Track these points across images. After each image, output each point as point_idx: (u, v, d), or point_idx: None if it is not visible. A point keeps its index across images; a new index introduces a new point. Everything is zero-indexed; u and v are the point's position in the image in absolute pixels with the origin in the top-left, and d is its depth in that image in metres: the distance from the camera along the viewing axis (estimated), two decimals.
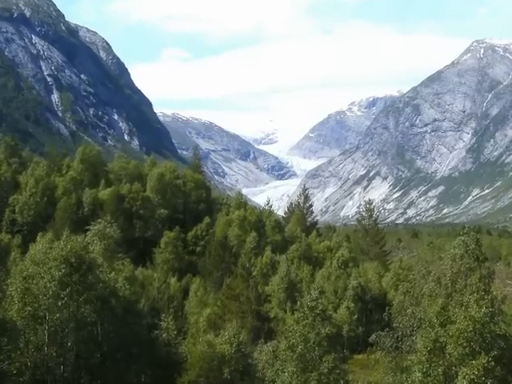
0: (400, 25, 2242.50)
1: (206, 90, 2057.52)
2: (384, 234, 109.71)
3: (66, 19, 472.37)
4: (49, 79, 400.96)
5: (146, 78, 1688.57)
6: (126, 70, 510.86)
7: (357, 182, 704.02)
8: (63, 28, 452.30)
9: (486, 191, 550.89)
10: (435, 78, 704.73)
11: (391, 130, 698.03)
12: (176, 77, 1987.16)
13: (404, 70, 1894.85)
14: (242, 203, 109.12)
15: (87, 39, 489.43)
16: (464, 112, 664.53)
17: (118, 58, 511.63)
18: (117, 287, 41.37)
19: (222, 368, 42.84)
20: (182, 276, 78.57)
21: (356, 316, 68.98)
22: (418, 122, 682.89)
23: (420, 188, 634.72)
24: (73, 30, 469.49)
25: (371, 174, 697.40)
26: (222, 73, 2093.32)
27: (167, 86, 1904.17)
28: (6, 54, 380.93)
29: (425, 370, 30.67)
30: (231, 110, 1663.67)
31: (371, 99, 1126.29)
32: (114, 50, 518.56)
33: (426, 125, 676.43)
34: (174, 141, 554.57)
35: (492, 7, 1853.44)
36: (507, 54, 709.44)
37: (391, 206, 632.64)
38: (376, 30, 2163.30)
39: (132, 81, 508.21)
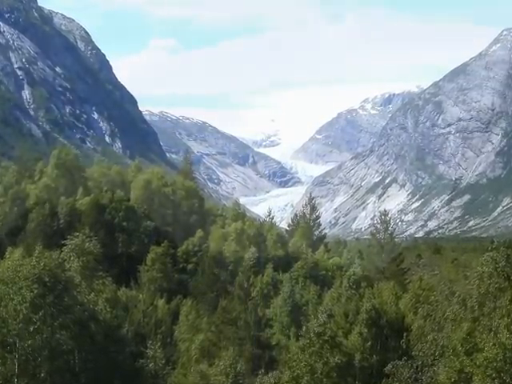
0: (420, 12, 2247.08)
1: (199, 86, 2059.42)
2: (402, 250, 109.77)
3: (39, 4, 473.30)
4: (19, 73, 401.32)
5: (129, 71, 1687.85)
6: (108, 62, 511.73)
7: (370, 190, 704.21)
8: (35, 14, 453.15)
9: None
10: (460, 72, 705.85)
11: (410, 131, 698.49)
12: (164, 70, 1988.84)
13: (424, 62, 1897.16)
14: (240, 214, 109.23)
15: (63, 27, 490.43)
16: (493, 110, 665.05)
17: (98, 49, 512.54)
18: (97, 310, 41.37)
19: None
20: (172, 297, 78.55)
21: (369, 343, 68.76)
22: (440, 121, 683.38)
23: (443, 197, 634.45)
24: (46, 17, 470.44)
25: (387, 181, 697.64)
26: (217, 66, 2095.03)
27: (154, 81, 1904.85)
28: None
29: None
30: (227, 109, 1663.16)
31: (387, 96, 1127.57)
32: (94, 40, 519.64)
33: (449, 125, 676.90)
34: (161, 143, 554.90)
35: None
36: None
37: (410, 217, 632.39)
38: (392, 17, 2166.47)
39: (114, 75, 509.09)
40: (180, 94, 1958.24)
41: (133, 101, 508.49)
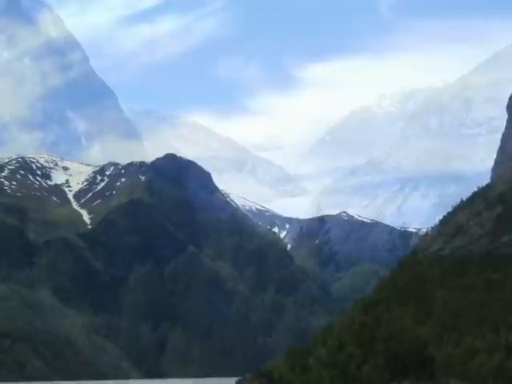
0: None
1: (189, 80, 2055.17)
2: (424, 269, 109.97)
3: None
4: None
5: (108, 62, 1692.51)
6: (84, 51, 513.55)
7: (388, 200, 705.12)
8: None
9: None
10: (491, 64, 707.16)
11: (433, 132, 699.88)
12: (149, 60, 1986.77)
13: (450, 53, 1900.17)
14: (238, 228, 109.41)
15: (32, 12, 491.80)
16: None
17: (72, 37, 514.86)
18: (71, 341, 41.60)
19: None
20: (158, 324, 78.84)
21: (387, 376, 69.12)
22: (468, 120, 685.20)
23: (471, 208, 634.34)
24: (13, 0, 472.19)
25: (407, 190, 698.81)
26: (211, 56, 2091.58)
27: (137, 74, 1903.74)
28: None
29: None
30: (223, 106, 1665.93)
31: (407, 91, 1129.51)
32: (67, 26, 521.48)
33: (479, 125, 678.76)
34: (146, 146, 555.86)
35: None
36: None
37: (433, 231, 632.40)
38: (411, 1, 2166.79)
39: (91, 66, 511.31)
40: (168, 89, 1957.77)
41: (113, 97, 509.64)
